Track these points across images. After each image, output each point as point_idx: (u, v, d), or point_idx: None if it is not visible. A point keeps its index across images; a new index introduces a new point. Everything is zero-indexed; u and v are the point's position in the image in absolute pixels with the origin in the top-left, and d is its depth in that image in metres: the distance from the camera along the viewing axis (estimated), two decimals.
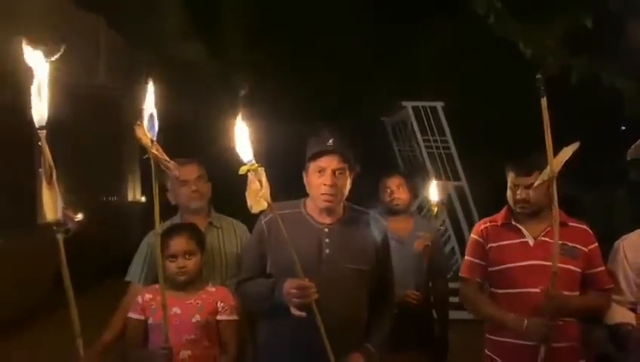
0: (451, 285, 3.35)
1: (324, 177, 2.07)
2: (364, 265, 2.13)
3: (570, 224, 2.26)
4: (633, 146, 1.73)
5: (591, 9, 4.53)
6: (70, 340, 1.66)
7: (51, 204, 1.62)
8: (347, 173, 2.10)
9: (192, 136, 7.17)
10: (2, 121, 6.02)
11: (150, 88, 1.81)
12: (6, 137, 6.10)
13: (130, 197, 9.86)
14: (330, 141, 2.08)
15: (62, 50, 1.51)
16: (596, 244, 2.26)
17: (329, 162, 2.07)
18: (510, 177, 2.28)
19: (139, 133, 1.80)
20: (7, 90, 6.07)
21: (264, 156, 1.88)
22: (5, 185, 6.07)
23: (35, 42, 1.53)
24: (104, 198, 8.89)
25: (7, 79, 5.78)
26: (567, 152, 1.99)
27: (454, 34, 8.24)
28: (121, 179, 9.69)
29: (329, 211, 2.13)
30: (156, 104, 1.78)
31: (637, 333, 2.12)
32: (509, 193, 2.29)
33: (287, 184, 2.35)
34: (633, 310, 2.22)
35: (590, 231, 2.28)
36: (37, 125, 1.57)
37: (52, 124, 1.58)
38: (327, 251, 2.09)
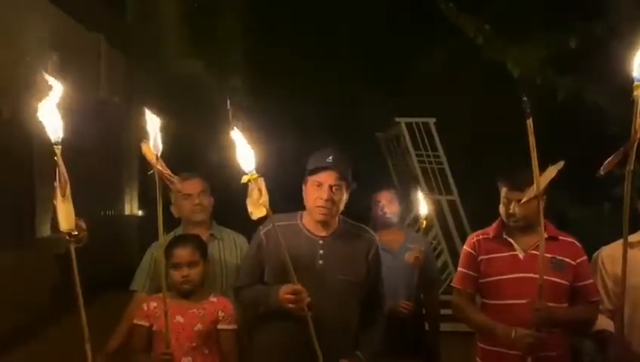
0: (445, 298, 3.44)
1: (321, 191, 2.16)
2: (355, 277, 2.22)
3: (560, 238, 2.30)
4: (606, 162, 1.83)
5: (575, 31, 4.71)
6: (67, 354, 1.70)
7: (66, 216, 1.73)
8: (344, 189, 2.20)
9: (194, 150, 7.24)
10: (0, 137, 6.06)
11: (155, 108, 1.92)
12: (4, 153, 6.13)
13: (127, 211, 9.88)
14: (330, 158, 2.17)
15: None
16: (585, 258, 2.31)
17: (327, 178, 2.16)
18: (503, 192, 2.31)
19: (145, 149, 1.90)
20: (5, 106, 6.14)
21: (264, 168, 1.98)
22: (3, 200, 6.10)
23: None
24: (102, 212, 8.90)
25: (6, 95, 5.85)
26: (552, 171, 2.05)
27: (446, 54, 8.42)
28: (119, 193, 9.71)
29: (324, 224, 2.23)
30: (161, 123, 1.89)
31: (615, 340, 2.19)
32: (501, 207, 2.32)
33: (285, 196, 2.44)
34: (612, 318, 2.29)
35: (579, 244, 2.32)
36: (53, 142, 1.68)
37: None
38: (321, 262, 2.19)
